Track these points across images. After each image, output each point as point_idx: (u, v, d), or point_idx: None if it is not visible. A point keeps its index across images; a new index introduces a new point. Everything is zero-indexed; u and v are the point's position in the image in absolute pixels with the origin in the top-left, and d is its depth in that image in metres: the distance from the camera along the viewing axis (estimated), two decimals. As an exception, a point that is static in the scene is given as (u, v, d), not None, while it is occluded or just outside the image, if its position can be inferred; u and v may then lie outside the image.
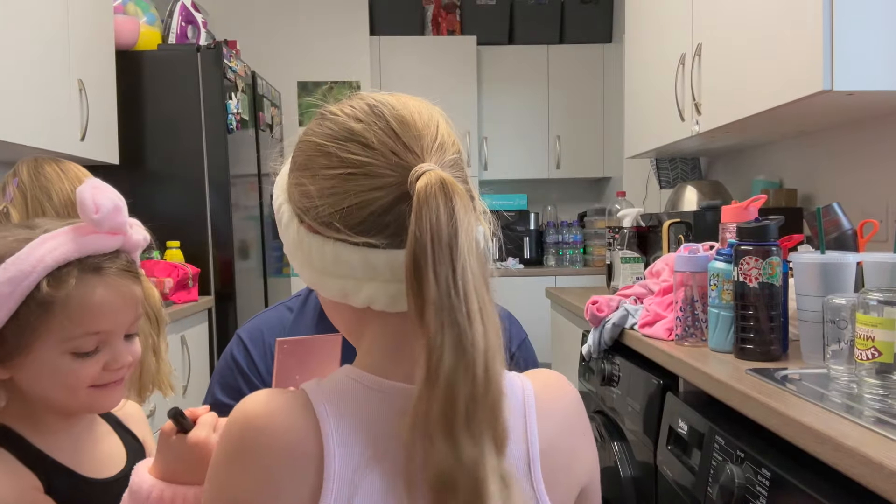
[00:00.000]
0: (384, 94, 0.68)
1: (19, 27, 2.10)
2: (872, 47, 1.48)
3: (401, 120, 0.63)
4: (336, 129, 0.64)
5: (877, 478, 0.77)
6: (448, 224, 0.57)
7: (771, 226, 1.25)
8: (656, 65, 2.52)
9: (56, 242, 0.79)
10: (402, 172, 0.61)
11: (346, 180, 0.62)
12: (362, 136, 0.62)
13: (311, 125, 0.68)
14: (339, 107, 0.66)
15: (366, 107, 0.65)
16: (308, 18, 4.19)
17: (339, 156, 0.62)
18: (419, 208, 0.57)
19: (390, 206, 0.61)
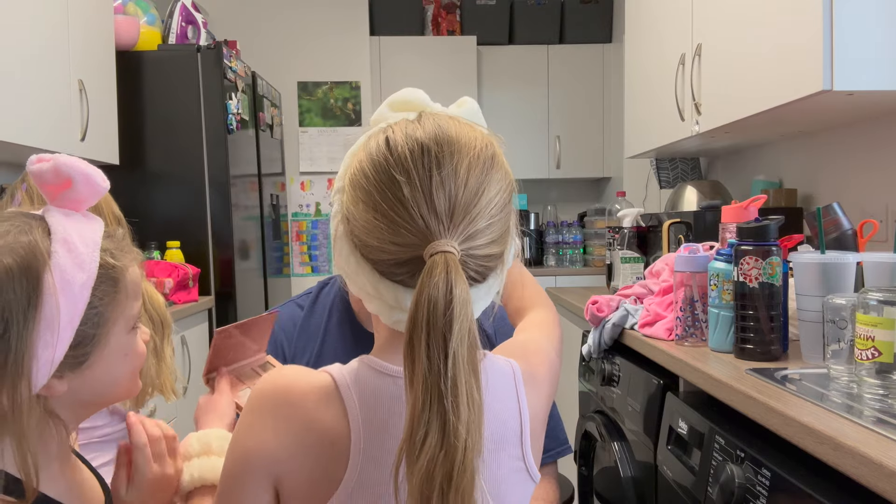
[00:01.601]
0: (453, 129, 0.70)
1: (19, 27, 2.10)
2: (872, 47, 1.48)
3: (445, 184, 0.66)
4: (384, 166, 0.67)
5: (877, 478, 0.77)
6: (445, 313, 0.61)
7: (771, 226, 1.25)
8: (656, 65, 2.52)
9: (77, 218, 0.72)
10: (423, 238, 0.65)
11: (375, 222, 0.67)
12: (401, 189, 0.65)
13: (372, 143, 0.70)
14: (401, 136, 0.69)
15: (419, 151, 0.67)
16: (308, 19, 4.19)
17: (375, 196, 0.67)
18: (422, 288, 0.62)
19: (405, 261, 0.66)
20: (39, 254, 0.66)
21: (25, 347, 0.64)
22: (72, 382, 0.70)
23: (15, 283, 0.64)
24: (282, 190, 4.00)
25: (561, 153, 4.44)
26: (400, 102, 0.75)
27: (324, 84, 4.23)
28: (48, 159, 0.69)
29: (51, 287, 0.66)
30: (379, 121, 0.75)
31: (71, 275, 0.67)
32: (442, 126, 0.70)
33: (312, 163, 4.22)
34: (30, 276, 0.65)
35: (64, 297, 0.66)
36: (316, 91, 4.23)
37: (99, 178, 0.72)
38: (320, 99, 4.23)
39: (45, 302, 0.65)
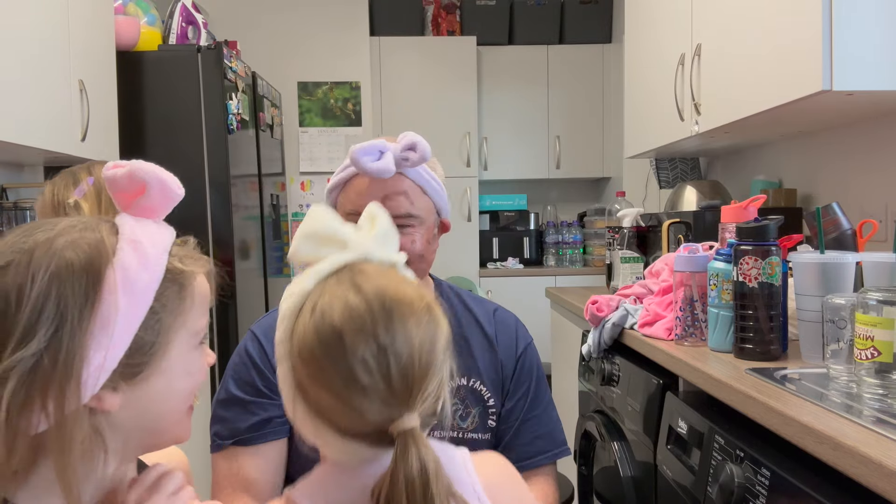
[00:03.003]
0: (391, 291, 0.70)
1: (20, 27, 2.10)
2: (872, 47, 1.49)
3: (398, 356, 0.67)
4: (335, 348, 0.67)
5: (876, 477, 0.78)
6: (424, 492, 0.64)
7: (770, 226, 1.25)
8: (656, 65, 2.53)
9: (148, 223, 0.68)
10: (386, 418, 0.67)
11: (335, 405, 0.68)
12: (357, 374, 0.66)
13: (316, 317, 0.69)
14: (343, 308, 0.68)
15: (369, 324, 0.67)
16: (308, 19, 4.20)
17: (333, 380, 0.67)
18: (396, 468, 0.64)
19: (370, 433, 0.68)
20: (104, 250, 0.62)
21: (77, 347, 0.59)
22: (126, 398, 0.64)
23: (74, 278, 0.60)
24: (282, 190, 4.00)
25: (561, 153, 4.44)
26: (318, 237, 0.74)
27: (324, 84, 4.24)
28: (123, 165, 0.67)
29: (111, 285, 0.61)
30: (297, 257, 0.74)
31: (135, 274, 0.63)
32: (382, 287, 0.70)
33: (312, 163, 4.23)
34: (90, 272, 0.61)
35: (124, 297, 0.61)
36: (316, 91, 4.24)
37: (175, 184, 0.68)
38: (320, 99, 4.24)
39: (103, 300, 0.61)
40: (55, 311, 0.59)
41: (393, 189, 1.17)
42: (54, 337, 0.58)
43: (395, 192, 1.17)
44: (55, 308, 0.59)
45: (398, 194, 1.17)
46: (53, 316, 0.58)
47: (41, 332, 0.58)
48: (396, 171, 1.16)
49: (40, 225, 0.64)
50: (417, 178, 1.20)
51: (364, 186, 1.17)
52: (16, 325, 0.58)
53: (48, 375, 0.58)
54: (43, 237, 0.61)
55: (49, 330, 0.58)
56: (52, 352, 0.58)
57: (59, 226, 0.64)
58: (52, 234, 0.62)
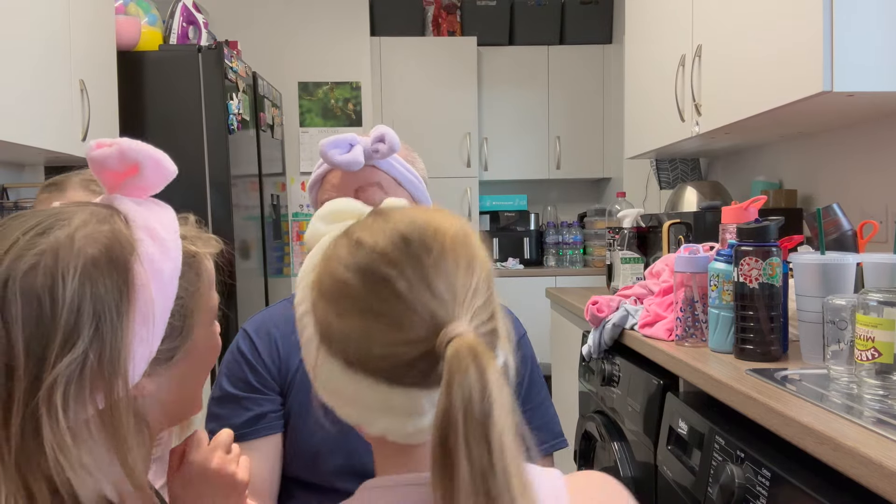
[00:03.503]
0: (421, 216, 0.63)
1: (21, 27, 2.10)
2: (872, 48, 1.49)
3: (437, 266, 0.59)
4: (367, 266, 0.59)
5: (877, 478, 0.78)
6: (482, 401, 0.52)
7: (771, 226, 1.25)
8: (656, 65, 2.53)
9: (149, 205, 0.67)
10: (433, 328, 0.57)
11: (373, 327, 0.58)
12: (394, 283, 0.58)
13: (341, 249, 0.62)
14: (371, 233, 0.61)
15: (401, 242, 0.60)
16: (309, 19, 4.20)
17: (367, 300, 0.58)
18: (450, 380, 0.53)
19: (417, 359, 0.57)
20: (126, 242, 0.61)
21: (122, 344, 0.59)
22: (159, 381, 0.65)
23: (104, 274, 0.59)
24: (282, 190, 4.00)
25: (561, 153, 4.44)
26: (335, 213, 0.68)
27: (324, 84, 4.24)
28: (110, 143, 0.64)
29: (142, 278, 0.61)
30: (317, 236, 0.68)
31: (160, 264, 0.63)
32: (411, 214, 0.63)
33: (313, 163, 4.21)
34: (118, 266, 0.60)
35: (156, 288, 0.62)
36: (316, 91, 4.24)
37: (168, 161, 0.67)
38: (321, 99, 4.24)
39: (138, 295, 0.60)
40: (92, 310, 0.58)
41: (366, 181, 1.16)
42: (96, 336, 0.58)
43: (367, 183, 1.16)
44: (91, 307, 0.58)
45: (371, 185, 1.16)
46: (92, 315, 0.58)
47: (84, 333, 0.57)
48: (368, 164, 1.15)
49: (48, 218, 0.62)
50: (391, 170, 1.18)
51: (338, 180, 1.17)
52: (55, 329, 0.57)
53: (96, 373, 0.58)
54: (63, 235, 0.59)
55: (90, 329, 0.58)
56: (98, 350, 0.58)
57: (74, 221, 0.61)
58: (70, 229, 0.60)
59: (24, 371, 0.56)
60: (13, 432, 0.56)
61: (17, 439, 0.56)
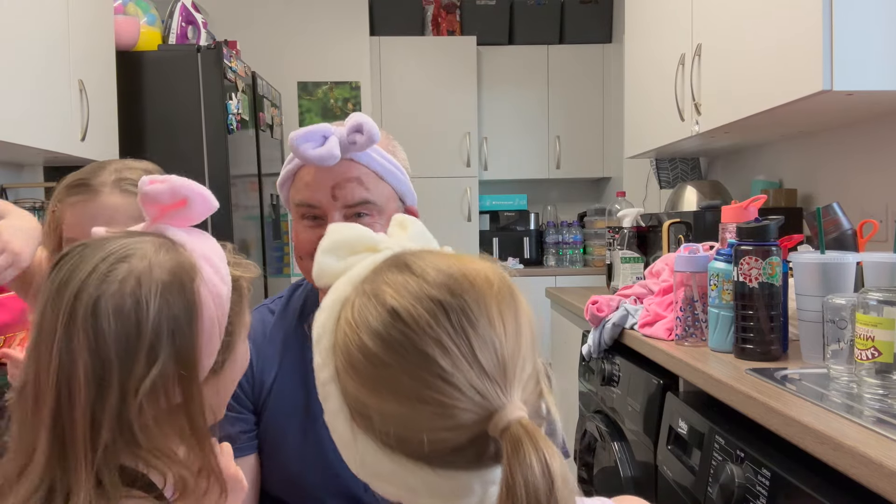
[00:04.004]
0: (453, 268, 0.56)
1: (20, 28, 2.10)
2: (872, 47, 1.48)
3: (482, 334, 0.53)
4: (405, 343, 0.53)
5: (877, 478, 0.78)
6: (549, 499, 0.48)
7: (771, 226, 1.25)
8: (656, 65, 2.53)
9: (197, 235, 0.75)
10: (483, 413, 0.52)
11: (417, 414, 0.52)
12: (438, 363, 0.52)
13: (368, 315, 0.56)
14: (401, 297, 0.55)
15: (439, 309, 0.53)
16: (308, 19, 4.19)
17: (407, 383, 0.52)
18: (512, 473, 0.48)
19: (466, 444, 0.52)
20: (190, 269, 0.70)
21: (193, 358, 0.68)
22: (207, 388, 0.73)
23: (177, 297, 0.67)
24: (282, 190, 3.99)
25: (561, 153, 4.44)
26: (344, 246, 0.63)
27: (324, 84, 4.23)
28: (162, 180, 0.72)
29: (208, 301, 0.70)
30: (329, 275, 0.63)
31: (218, 287, 0.72)
32: (441, 267, 0.57)
33: (312, 163, 4.22)
34: (187, 290, 0.68)
35: (217, 310, 0.71)
36: (316, 91, 4.23)
37: (212, 197, 0.75)
38: (320, 99, 4.23)
39: (204, 314, 0.69)
40: (170, 328, 0.66)
41: (343, 176, 1.03)
42: (173, 349, 0.66)
43: (345, 179, 1.03)
44: (169, 325, 0.66)
45: (349, 181, 1.03)
46: (169, 332, 0.66)
47: (164, 347, 0.66)
48: (345, 157, 1.02)
49: (121, 248, 0.68)
50: (370, 163, 1.05)
51: (311, 176, 1.05)
52: (141, 344, 0.64)
53: (174, 381, 0.67)
54: (141, 263, 0.67)
55: (169, 344, 0.66)
56: (175, 363, 0.67)
57: (147, 250, 0.68)
58: (146, 259, 0.68)
59: (116, 384, 0.63)
60: (103, 437, 0.63)
61: (106, 443, 0.63)
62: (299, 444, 1.07)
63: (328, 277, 0.63)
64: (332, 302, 0.60)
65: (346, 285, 0.60)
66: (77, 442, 0.62)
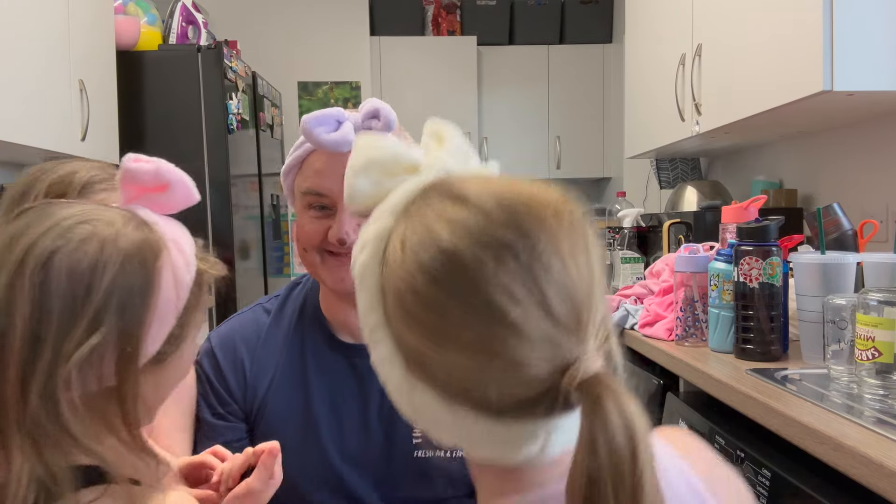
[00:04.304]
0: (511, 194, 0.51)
1: (20, 27, 2.10)
2: (872, 48, 1.48)
3: (554, 277, 0.48)
4: (469, 288, 0.47)
5: (877, 478, 0.78)
6: (632, 461, 0.44)
7: (771, 226, 1.25)
8: (656, 65, 2.53)
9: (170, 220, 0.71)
10: (557, 365, 0.47)
11: (484, 368, 0.48)
12: (508, 313, 0.46)
13: (422, 253, 0.49)
14: (456, 232, 0.49)
15: (504, 249, 0.48)
16: (308, 19, 4.19)
17: (474, 335, 0.47)
18: (592, 432, 0.44)
19: (536, 397, 0.48)
20: (157, 248, 0.65)
21: (138, 337, 0.63)
22: (144, 379, 0.66)
23: (135, 269, 0.63)
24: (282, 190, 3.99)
25: (561, 153, 4.44)
26: (380, 166, 0.56)
27: (324, 84, 4.23)
28: (148, 160, 0.68)
29: (167, 282, 0.65)
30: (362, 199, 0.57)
31: (182, 274, 0.67)
32: (506, 201, 0.50)
33: (313, 163, 4.22)
34: (147, 267, 0.64)
35: (175, 296, 0.66)
36: (316, 91, 4.24)
37: (195, 189, 0.71)
38: (320, 99, 4.23)
39: (161, 296, 0.64)
40: (121, 302, 0.62)
41: None
42: (118, 325, 0.61)
43: None
44: (120, 298, 0.62)
45: None
46: (119, 305, 0.61)
47: (109, 320, 0.61)
48: None
49: (88, 211, 0.65)
50: None
51: (322, 163, 0.98)
52: (86, 310, 0.60)
53: (111, 358, 0.62)
54: (107, 229, 0.63)
55: (115, 318, 0.61)
56: (116, 338, 0.62)
57: (116, 220, 0.64)
58: (114, 226, 0.64)
59: (51, 343, 0.59)
60: (31, 399, 0.59)
61: (33, 407, 0.59)
62: (298, 450, 1.01)
63: (360, 203, 0.57)
64: (374, 236, 0.54)
65: (387, 216, 0.54)
66: (8, 402, 0.59)
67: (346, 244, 0.95)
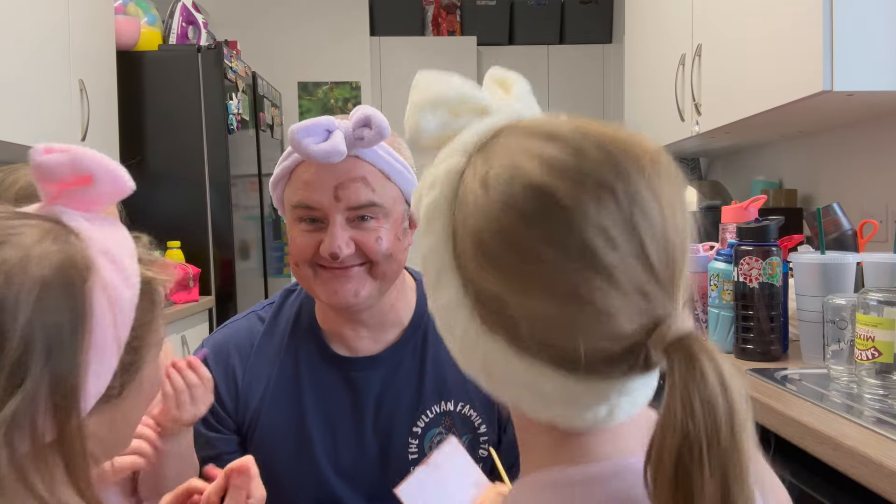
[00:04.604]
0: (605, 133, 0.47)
1: (20, 27, 2.10)
2: (872, 48, 1.48)
3: (652, 225, 0.44)
4: (566, 234, 0.44)
5: (877, 478, 0.78)
6: (731, 425, 0.41)
7: (771, 226, 1.25)
8: (656, 65, 2.53)
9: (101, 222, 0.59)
10: (647, 321, 0.44)
11: (572, 318, 0.44)
12: (607, 264, 0.43)
13: (513, 191, 0.45)
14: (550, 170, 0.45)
15: (603, 185, 0.44)
16: (309, 19, 4.19)
17: (566, 282, 0.44)
18: (688, 393, 0.42)
19: (619, 354, 0.45)
20: (83, 266, 0.53)
21: (74, 379, 0.52)
22: (100, 420, 0.57)
23: (59, 302, 0.51)
24: (282, 190, 3.99)
25: (561, 153, 4.44)
26: (446, 103, 0.53)
27: (324, 84, 4.23)
28: (63, 150, 0.56)
29: (101, 308, 0.53)
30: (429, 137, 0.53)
31: (119, 292, 0.55)
32: (599, 140, 0.46)
33: (313, 163, 4.22)
34: (74, 292, 0.52)
35: (115, 319, 0.55)
36: (316, 91, 4.24)
37: (126, 177, 0.58)
38: (321, 99, 4.24)
39: (96, 325, 0.53)
40: (45, 343, 0.50)
41: (347, 175, 0.92)
42: (47, 371, 0.51)
43: (349, 178, 0.92)
44: (44, 339, 0.50)
45: (354, 181, 0.92)
46: (44, 348, 0.50)
47: (35, 368, 0.50)
48: (350, 154, 0.92)
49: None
50: (377, 161, 0.94)
51: (311, 174, 0.93)
52: (3, 363, 0.49)
53: (46, 411, 0.51)
54: (14, 255, 0.51)
55: (42, 363, 0.50)
56: (49, 387, 0.51)
57: (25, 238, 0.52)
58: (22, 249, 0.52)
59: None
60: None
61: None
62: (293, 465, 0.99)
63: (425, 142, 0.52)
64: (445, 174, 0.49)
65: (458, 154, 0.49)
66: None
67: (339, 258, 0.91)
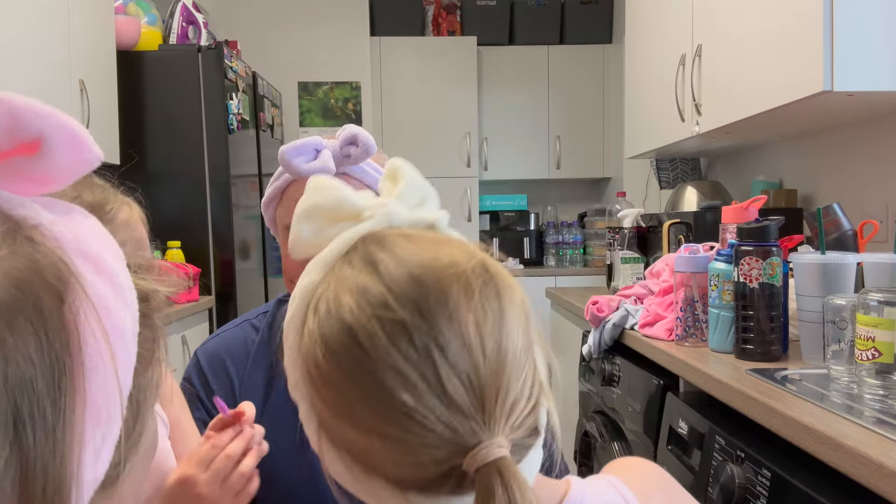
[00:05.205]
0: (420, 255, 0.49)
1: (20, 27, 2.10)
2: (873, 48, 1.48)
3: (458, 370, 0.46)
4: (362, 372, 0.46)
5: (877, 478, 0.78)
6: None
7: (771, 226, 1.25)
8: (656, 65, 2.53)
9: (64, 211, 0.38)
10: (456, 449, 0.46)
11: (379, 448, 0.46)
12: (402, 402, 0.45)
13: (329, 328, 0.48)
14: (367, 317, 0.47)
15: (398, 327, 0.46)
16: (309, 19, 4.19)
17: (368, 417, 0.46)
18: None
19: (439, 478, 0.46)
20: (55, 278, 0.33)
21: (61, 463, 0.33)
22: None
23: (27, 339, 0.31)
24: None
25: (561, 153, 4.44)
26: (322, 212, 0.54)
27: (324, 84, 4.23)
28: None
29: (96, 339, 0.34)
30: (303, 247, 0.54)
31: (114, 314, 0.36)
32: (414, 271, 0.48)
33: (313, 163, 4.22)
34: (45, 321, 0.32)
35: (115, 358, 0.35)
36: (316, 91, 4.24)
37: (89, 140, 0.36)
38: (321, 99, 4.24)
39: (87, 368, 0.34)
40: (9, 409, 0.31)
41: None
42: (15, 453, 0.31)
43: None
44: (8, 403, 0.31)
45: None
46: (6, 424, 0.31)
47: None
48: (338, 171, 0.96)
49: None
50: (364, 177, 0.99)
51: (303, 192, 0.98)
52: None
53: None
54: None
55: (6, 450, 0.31)
56: (16, 484, 0.31)
57: None
58: None
59: None
60: None
61: None
62: (292, 477, 0.99)
63: (301, 252, 0.54)
64: (303, 291, 0.52)
65: (318, 270, 0.52)
66: None
67: None
